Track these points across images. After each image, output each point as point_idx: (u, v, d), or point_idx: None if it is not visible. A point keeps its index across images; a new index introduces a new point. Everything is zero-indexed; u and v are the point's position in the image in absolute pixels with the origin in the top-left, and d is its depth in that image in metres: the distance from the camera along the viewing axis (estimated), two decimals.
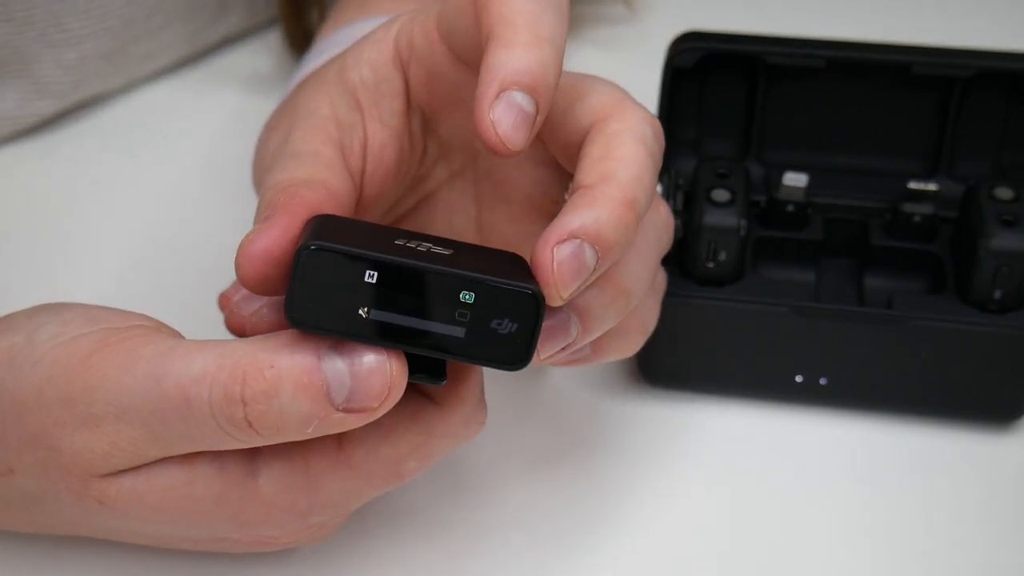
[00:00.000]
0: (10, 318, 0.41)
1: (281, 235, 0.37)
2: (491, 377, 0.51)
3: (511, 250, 0.40)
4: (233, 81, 0.66)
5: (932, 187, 0.51)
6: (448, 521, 0.46)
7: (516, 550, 0.46)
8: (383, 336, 0.35)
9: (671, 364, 0.50)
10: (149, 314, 0.41)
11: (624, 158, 0.38)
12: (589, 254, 0.36)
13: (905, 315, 0.48)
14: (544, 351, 0.38)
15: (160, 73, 0.67)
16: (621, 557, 0.46)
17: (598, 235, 0.36)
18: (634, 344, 0.45)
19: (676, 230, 0.48)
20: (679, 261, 0.49)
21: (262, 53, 0.68)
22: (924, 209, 0.51)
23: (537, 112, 0.36)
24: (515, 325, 0.35)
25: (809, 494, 0.48)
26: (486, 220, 0.45)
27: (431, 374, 0.37)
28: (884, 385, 0.49)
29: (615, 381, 0.52)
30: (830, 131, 0.53)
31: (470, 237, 0.45)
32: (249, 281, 0.37)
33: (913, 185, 0.51)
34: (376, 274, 0.35)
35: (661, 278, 0.46)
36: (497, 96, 0.36)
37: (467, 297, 0.35)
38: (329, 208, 0.38)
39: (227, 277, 0.39)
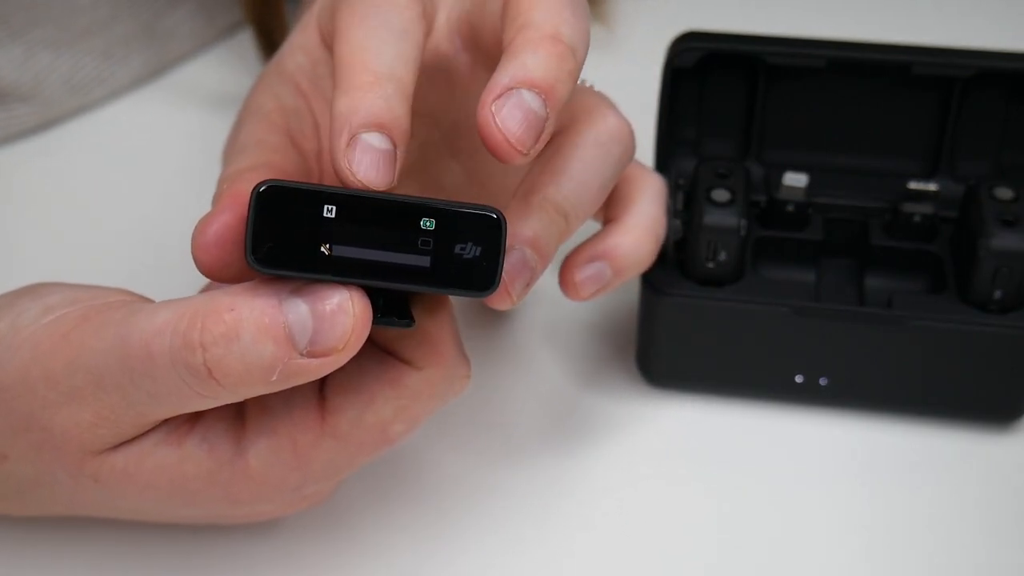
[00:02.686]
0: None
1: (232, 217, 0.36)
2: (490, 378, 0.52)
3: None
4: (227, 84, 0.66)
5: (932, 187, 0.51)
6: (444, 522, 0.46)
7: (513, 549, 0.46)
8: (347, 272, 0.34)
9: (671, 364, 0.50)
10: None
11: (533, 5, 0.37)
12: (532, 99, 0.35)
13: (905, 315, 0.48)
14: (514, 292, 0.38)
15: (141, 77, 0.66)
16: (620, 556, 0.46)
17: (532, 78, 0.35)
18: (649, 255, 0.45)
19: (676, 230, 0.48)
20: (679, 261, 0.49)
21: (255, 56, 0.68)
22: (924, 209, 0.51)
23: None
24: (479, 248, 0.35)
25: (809, 494, 0.48)
26: (476, 174, 0.45)
27: (399, 315, 0.36)
28: (884, 385, 0.49)
29: (615, 381, 0.52)
30: (830, 131, 0.53)
31: (467, 195, 0.45)
32: (207, 268, 0.36)
33: (913, 185, 0.51)
34: (334, 207, 0.34)
35: (658, 183, 0.46)
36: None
37: (428, 224, 0.34)
38: None
39: None
